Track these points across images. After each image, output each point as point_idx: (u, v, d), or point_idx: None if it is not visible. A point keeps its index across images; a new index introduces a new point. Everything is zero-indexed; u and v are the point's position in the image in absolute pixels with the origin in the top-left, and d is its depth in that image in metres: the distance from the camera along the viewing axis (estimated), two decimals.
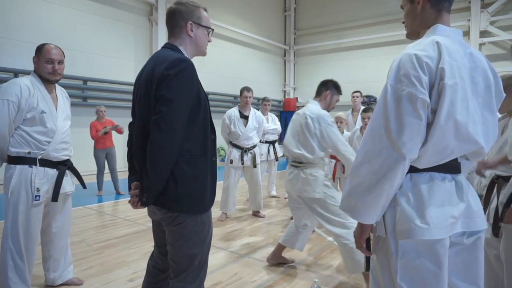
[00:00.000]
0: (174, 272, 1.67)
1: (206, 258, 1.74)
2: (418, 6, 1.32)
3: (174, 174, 1.54)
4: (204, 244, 1.68)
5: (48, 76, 2.37)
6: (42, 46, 2.38)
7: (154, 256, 1.88)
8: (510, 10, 10.40)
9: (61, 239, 2.60)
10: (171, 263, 1.68)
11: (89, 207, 5.31)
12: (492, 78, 1.26)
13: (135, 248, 3.51)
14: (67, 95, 2.63)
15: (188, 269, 1.65)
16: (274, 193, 6.24)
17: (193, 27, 1.68)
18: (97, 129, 5.94)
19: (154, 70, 1.55)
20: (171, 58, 1.54)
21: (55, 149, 2.38)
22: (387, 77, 1.21)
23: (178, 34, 1.69)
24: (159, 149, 1.47)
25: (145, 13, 9.49)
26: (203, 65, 10.45)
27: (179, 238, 1.63)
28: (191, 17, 1.68)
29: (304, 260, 3.31)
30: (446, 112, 1.13)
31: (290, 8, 14.59)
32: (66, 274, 2.67)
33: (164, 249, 1.76)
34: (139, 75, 1.70)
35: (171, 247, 1.67)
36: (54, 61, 2.36)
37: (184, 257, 1.64)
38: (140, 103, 1.62)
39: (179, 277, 1.65)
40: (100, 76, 8.35)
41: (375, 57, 12.06)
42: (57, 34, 7.50)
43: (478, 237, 1.27)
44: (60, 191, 2.44)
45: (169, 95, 1.48)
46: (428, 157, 1.18)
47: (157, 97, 1.50)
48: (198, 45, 1.72)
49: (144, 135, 1.56)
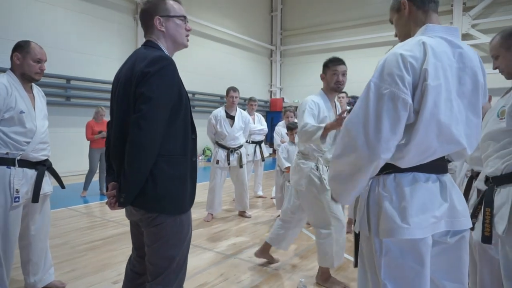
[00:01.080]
0: (152, 275, 1.62)
1: (185, 259, 1.69)
2: (405, 12, 1.34)
3: (153, 174, 1.50)
4: (183, 245, 1.63)
5: (35, 75, 2.33)
6: (26, 44, 2.31)
7: (132, 259, 1.82)
8: (490, 14, 10.69)
9: (40, 242, 2.53)
10: (149, 266, 1.63)
11: (72, 208, 5.20)
12: (482, 78, 1.28)
13: (120, 249, 3.46)
14: (43, 94, 2.57)
15: (166, 271, 1.60)
16: (261, 193, 6.24)
17: (162, 21, 1.62)
18: (93, 130, 5.89)
19: (134, 68, 1.51)
20: (151, 56, 1.50)
21: (34, 149, 2.33)
22: (372, 75, 1.22)
23: (151, 31, 1.65)
24: (138, 149, 1.44)
25: (130, 11, 9.38)
26: (189, 64, 10.40)
27: (157, 240, 1.58)
28: (157, 12, 1.61)
29: (290, 260, 3.33)
30: (429, 113, 1.14)
31: (277, 8, 14.64)
32: (47, 277, 2.61)
33: (141, 251, 1.70)
34: (117, 73, 1.66)
35: (149, 249, 1.62)
36: (42, 60, 2.34)
37: (162, 259, 1.60)
38: (118, 102, 1.58)
39: (156, 280, 1.60)
40: (83, 75, 8.21)
41: (362, 58, 12.19)
42: (39, 32, 7.34)
43: (462, 236, 1.29)
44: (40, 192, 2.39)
45: (149, 93, 1.44)
46: (410, 156, 1.20)
47: (136, 95, 1.46)
48: (173, 37, 1.65)
49: (123, 134, 1.53)
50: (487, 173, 1.78)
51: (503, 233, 1.62)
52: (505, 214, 1.63)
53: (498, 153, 1.70)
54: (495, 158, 1.71)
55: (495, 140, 1.73)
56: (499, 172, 1.68)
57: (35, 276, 2.54)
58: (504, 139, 1.68)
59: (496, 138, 1.72)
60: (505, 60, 1.78)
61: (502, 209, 1.65)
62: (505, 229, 1.61)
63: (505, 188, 1.67)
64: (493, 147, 1.74)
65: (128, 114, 1.50)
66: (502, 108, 1.70)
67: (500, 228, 1.63)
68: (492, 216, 1.69)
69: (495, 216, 1.68)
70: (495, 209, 1.69)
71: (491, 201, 1.71)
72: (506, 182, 1.66)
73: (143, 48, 1.63)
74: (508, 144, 1.66)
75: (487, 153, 1.78)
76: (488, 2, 10.54)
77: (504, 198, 1.66)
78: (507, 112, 1.66)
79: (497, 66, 1.83)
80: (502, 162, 1.67)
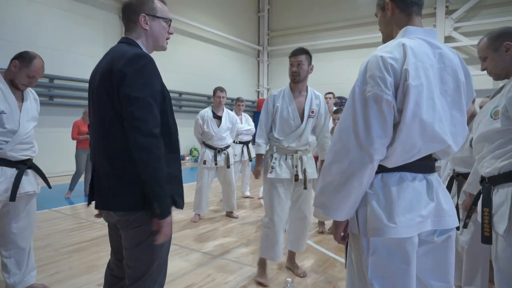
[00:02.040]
0: (130, 279, 1.55)
1: (165, 262, 1.63)
2: (388, 13, 1.37)
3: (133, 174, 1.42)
4: (162, 248, 1.55)
5: (21, 86, 2.36)
6: (29, 58, 2.32)
7: (111, 262, 1.76)
8: (472, 17, 10.93)
9: (22, 241, 2.48)
10: (127, 269, 1.56)
11: (55, 210, 5.10)
12: (463, 77, 1.30)
13: (105, 251, 3.41)
14: (36, 96, 2.56)
15: (145, 275, 1.53)
16: (248, 194, 6.24)
17: (147, 19, 1.57)
18: (80, 129, 5.77)
19: (112, 66, 1.44)
20: (129, 54, 1.44)
21: (13, 149, 2.30)
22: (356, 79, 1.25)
23: (133, 28, 1.58)
24: (146, 150, 1.37)
25: (115, 10, 9.24)
26: (176, 64, 10.32)
27: (135, 243, 1.51)
28: (143, 9, 1.56)
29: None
30: (411, 112, 1.16)
31: (264, 9, 14.65)
32: (29, 279, 2.55)
33: (120, 254, 1.63)
34: (93, 72, 1.60)
35: (127, 252, 1.55)
36: (36, 78, 2.36)
37: (141, 263, 1.53)
38: (97, 101, 1.52)
39: (135, 284, 1.53)
40: (67, 74, 8.05)
41: (349, 59, 12.29)
42: (22, 30, 7.18)
43: (449, 235, 1.31)
44: (20, 191, 2.34)
45: (134, 93, 1.38)
46: (396, 156, 1.22)
47: (121, 97, 1.40)
48: (155, 38, 1.61)
49: (103, 134, 1.49)
50: (483, 174, 1.78)
51: (504, 232, 1.61)
52: (505, 214, 1.62)
53: (493, 154, 1.71)
54: (491, 158, 1.72)
55: (489, 141, 1.73)
56: (496, 172, 1.68)
57: (15, 276, 2.48)
58: (498, 139, 1.68)
59: (490, 138, 1.72)
60: (493, 61, 1.79)
61: (501, 209, 1.65)
62: (506, 229, 1.60)
63: (503, 187, 1.66)
64: (488, 147, 1.74)
65: (109, 112, 1.45)
66: (495, 109, 1.71)
67: (501, 227, 1.62)
68: (491, 216, 1.69)
69: (494, 216, 1.68)
70: (494, 209, 1.68)
71: (489, 201, 1.71)
72: (504, 181, 1.66)
73: (120, 46, 1.55)
74: (503, 144, 1.67)
75: (482, 154, 1.79)
76: (470, 5, 10.77)
77: (503, 197, 1.65)
78: (500, 112, 1.67)
79: (485, 68, 1.84)
80: (499, 162, 1.67)
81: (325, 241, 3.87)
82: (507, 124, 1.64)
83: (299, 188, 2.93)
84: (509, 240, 1.62)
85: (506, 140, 1.66)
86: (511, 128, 1.64)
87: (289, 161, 2.88)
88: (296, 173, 2.85)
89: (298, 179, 2.86)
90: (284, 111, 2.84)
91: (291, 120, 2.83)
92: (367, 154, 1.17)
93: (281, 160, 2.87)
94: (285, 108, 2.85)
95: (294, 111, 2.84)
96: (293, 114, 2.84)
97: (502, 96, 1.72)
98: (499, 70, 1.80)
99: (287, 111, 2.84)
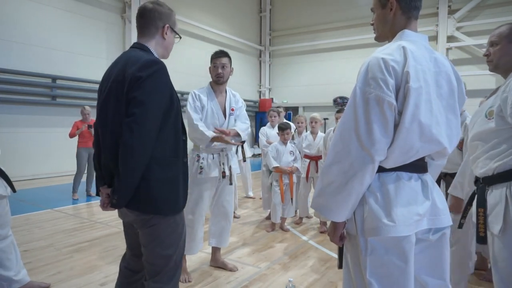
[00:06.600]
0: (149, 273, 1.66)
1: (181, 258, 1.74)
2: (390, 13, 1.36)
3: (147, 176, 1.52)
4: (178, 244, 1.69)
5: None
6: None
7: (127, 257, 1.86)
8: (474, 16, 10.90)
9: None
10: (146, 265, 1.67)
11: (58, 209, 5.10)
12: (455, 82, 1.32)
13: (107, 251, 3.42)
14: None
15: (164, 270, 1.65)
16: (251, 194, 6.25)
17: (168, 31, 1.69)
18: (79, 128, 5.78)
19: (126, 71, 1.52)
20: (143, 60, 1.52)
21: None
22: (356, 80, 1.25)
23: (153, 34, 1.67)
24: (131, 152, 1.45)
25: (118, 10, 9.27)
26: (178, 64, 10.34)
27: (153, 240, 1.62)
28: (168, 20, 1.69)
29: (279, 260, 3.33)
30: (411, 114, 1.17)
31: (266, 9, 14.66)
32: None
33: (137, 250, 1.74)
34: (106, 74, 1.66)
35: (145, 249, 1.66)
36: None
37: (159, 258, 1.64)
38: (108, 104, 1.58)
39: (155, 278, 1.65)
40: (70, 74, 8.07)
41: (350, 58, 12.29)
42: (25, 30, 7.21)
43: (443, 233, 1.32)
44: None
45: (142, 97, 1.46)
46: (394, 157, 1.23)
47: (129, 99, 1.48)
48: (167, 48, 1.74)
49: (114, 135, 1.53)
50: (478, 174, 1.77)
51: (499, 232, 1.61)
52: (499, 214, 1.62)
53: (487, 154, 1.70)
54: (485, 159, 1.71)
55: (483, 141, 1.73)
56: (491, 172, 1.68)
57: None
58: (493, 139, 1.68)
59: (485, 138, 1.72)
60: (502, 51, 1.76)
61: (496, 209, 1.65)
62: (501, 229, 1.60)
63: (498, 187, 1.66)
64: (482, 147, 1.74)
65: (119, 115, 1.51)
66: (490, 109, 1.71)
67: (496, 227, 1.62)
68: (486, 216, 1.69)
69: (489, 216, 1.67)
70: (489, 209, 1.68)
71: (484, 201, 1.71)
72: (499, 181, 1.66)
73: (133, 51, 1.63)
74: (498, 144, 1.66)
75: (476, 154, 1.78)
76: (473, 5, 10.74)
77: (497, 197, 1.65)
78: (495, 112, 1.67)
79: (489, 53, 1.81)
80: (493, 162, 1.67)
81: (326, 240, 3.86)
82: (502, 124, 1.64)
83: (222, 185, 3.00)
84: (504, 241, 1.62)
85: (501, 140, 1.66)
86: (505, 128, 1.64)
87: (216, 159, 2.94)
88: (223, 170, 2.93)
89: (225, 175, 2.94)
90: (209, 110, 2.96)
91: (216, 119, 2.94)
92: (368, 155, 1.18)
93: (209, 159, 2.92)
94: (209, 107, 2.96)
95: (218, 110, 2.97)
96: (217, 114, 2.96)
97: (497, 97, 1.72)
98: (502, 62, 1.77)
99: (211, 110, 2.95)
